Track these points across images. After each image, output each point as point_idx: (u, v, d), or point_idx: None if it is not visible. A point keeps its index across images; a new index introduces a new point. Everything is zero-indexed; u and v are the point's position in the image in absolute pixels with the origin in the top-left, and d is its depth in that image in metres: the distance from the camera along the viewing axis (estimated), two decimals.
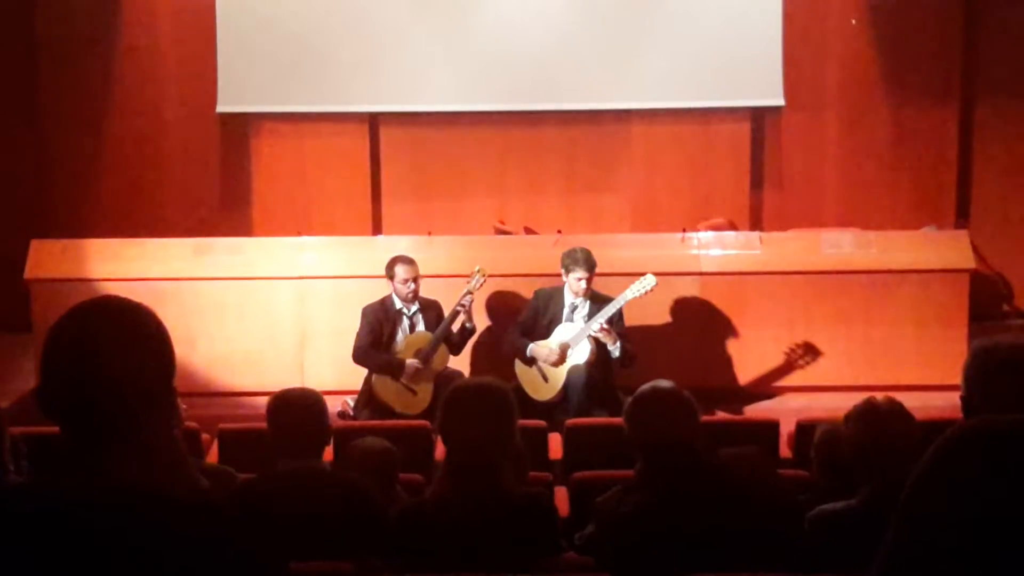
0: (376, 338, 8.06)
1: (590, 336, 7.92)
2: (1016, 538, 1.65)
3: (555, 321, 8.12)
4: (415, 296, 8.10)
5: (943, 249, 9.11)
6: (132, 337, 2.07)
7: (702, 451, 4.03)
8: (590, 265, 7.98)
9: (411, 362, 7.96)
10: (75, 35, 10.72)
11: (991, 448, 1.72)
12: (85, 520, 1.90)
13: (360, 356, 8.06)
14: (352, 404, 8.25)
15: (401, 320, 8.13)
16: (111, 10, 10.75)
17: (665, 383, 4.20)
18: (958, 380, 3.26)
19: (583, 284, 7.98)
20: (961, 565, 1.68)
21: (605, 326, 7.85)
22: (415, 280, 8.06)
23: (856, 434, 4.00)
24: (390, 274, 8.09)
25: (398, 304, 8.11)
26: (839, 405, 4.74)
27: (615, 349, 7.90)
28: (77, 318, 2.08)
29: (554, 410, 7.81)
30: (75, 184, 10.86)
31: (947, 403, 6.78)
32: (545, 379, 8.04)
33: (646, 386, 4.20)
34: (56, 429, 2.05)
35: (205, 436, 6.66)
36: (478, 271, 8.15)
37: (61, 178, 10.87)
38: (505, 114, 10.89)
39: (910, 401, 4.21)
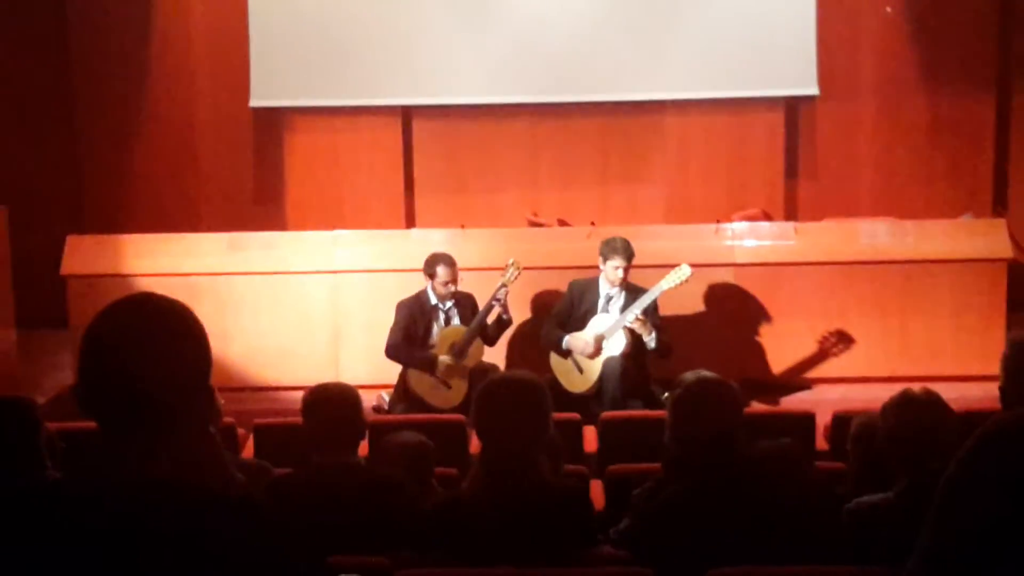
0: (410, 333, 8.05)
1: (625, 328, 7.91)
2: None
3: (590, 312, 8.10)
4: (453, 295, 8.08)
5: (980, 238, 9.04)
6: (169, 334, 2.08)
7: (740, 443, 4.02)
8: (628, 255, 7.95)
9: (443, 359, 7.96)
10: (109, 32, 10.78)
11: None
12: (122, 516, 1.91)
13: (393, 352, 8.06)
14: (387, 398, 8.26)
15: (436, 315, 8.12)
16: (144, 6, 10.80)
17: (710, 374, 4.18)
18: (996, 371, 3.25)
19: (620, 273, 7.95)
20: (999, 555, 1.67)
21: (640, 317, 7.83)
22: (454, 281, 8.03)
23: (893, 426, 3.98)
24: (430, 273, 8.04)
25: (433, 300, 8.09)
26: (875, 396, 4.72)
27: (651, 340, 7.87)
28: (114, 315, 2.09)
29: (589, 402, 7.79)
30: (110, 180, 10.92)
31: (985, 394, 6.74)
32: (580, 371, 8.03)
33: (690, 375, 4.17)
34: (93, 425, 2.06)
35: (241, 431, 6.68)
36: (512, 263, 8.13)
37: (96, 174, 10.94)
38: (538, 106, 10.88)
39: (947, 392, 4.18)
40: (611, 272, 7.98)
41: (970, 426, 1.83)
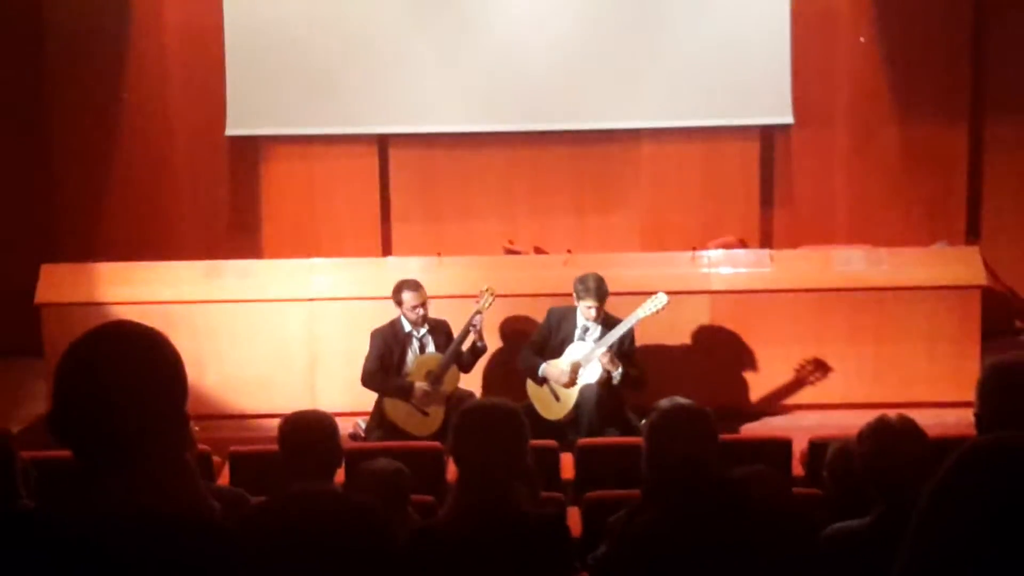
0: (385, 362, 8.05)
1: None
2: None
3: (567, 340, 8.12)
4: (424, 319, 8.10)
5: (954, 265, 9.09)
6: (145, 362, 2.07)
7: (716, 469, 4.02)
8: (600, 295, 7.96)
9: (420, 385, 7.96)
10: (84, 59, 10.75)
11: (1004, 464, 1.71)
12: (97, 545, 1.90)
13: (369, 380, 8.06)
14: (363, 426, 8.25)
15: (411, 342, 8.13)
16: (120, 35, 10.79)
17: (685, 400, 4.19)
18: (971, 397, 3.26)
19: (592, 313, 7.98)
20: None
21: (609, 351, 7.85)
22: (423, 305, 8.06)
23: (868, 452, 3.99)
24: (397, 300, 8.08)
25: (407, 327, 8.10)
26: (851, 423, 4.73)
27: (616, 375, 7.90)
28: (90, 343, 2.09)
29: (566, 429, 7.80)
30: (85, 208, 10.88)
31: (960, 420, 6.77)
32: (557, 398, 8.03)
33: (666, 402, 4.18)
34: (68, 454, 2.05)
35: (216, 459, 6.66)
36: (487, 291, 8.15)
37: (71, 203, 10.89)
38: (514, 135, 10.91)
39: (922, 418, 4.19)
40: (584, 311, 8.01)
41: (945, 452, 1.84)
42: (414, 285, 8.08)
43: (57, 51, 10.79)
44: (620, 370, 7.89)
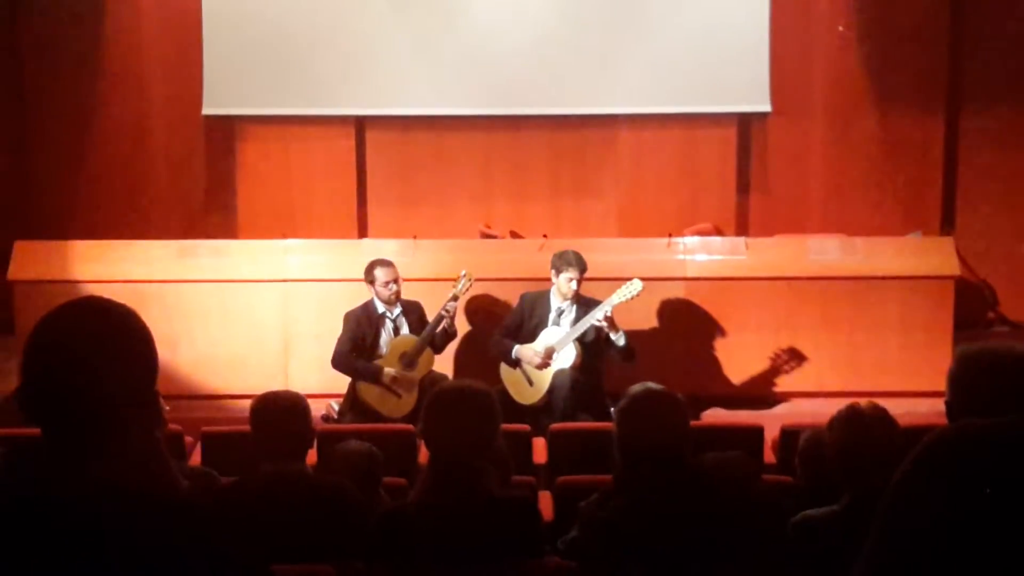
0: (359, 344, 8.04)
1: (576, 341, 7.93)
2: (990, 539, 1.65)
3: (541, 325, 8.12)
4: (397, 297, 8.10)
5: (928, 256, 9.12)
6: (115, 338, 2.06)
7: (687, 455, 4.03)
8: (581, 266, 7.98)
9: (388, 371, 7.95)
10: (60, 37, 10.69)
11: (966, 452, 1.72)
12: (64, 520, 1.89)
13: (339, 362, 8.05)
14: (336, 407, 8.24)
15: (384, 323, 8.12)
16: (96, 13, 10.72)
17: (656, 386, 4.19)
18: (942, 387, 3.26)
19: (574, 285, 7.97)
20: (938, 567, 1.68)
21: (609, 314, 7.84)
22: (396, 281, 8.07)
23: (840, 440, 4.00)
24: (370, 279, 8.08)
25: (380, 308, 8.10)
26: (823, 411, 4.75)
27: (619, 338, 7.89)
28: (60, 318, 2.07)
29: (539, 414, 7.80)
30: (59, 185, 10.83)
31: (931, 410, 6.79)
32: (530, 382, 8.03)
33: (637, 387, 4.18)
34: (37, 430, 2.04)
35: (188, 438, 6.64)
36: (464, 275, 8.14)
37: (46, 179, 10.84)
38: (491, 118, 10.89)
39: (894, 407, 4.21)
40: (564, 284, 7.99)
41: (916, 441, 1.84)
42: (386, 262, 8.12)
43: (32, 28, 10.72)
44: (622, 332, 7.90)
